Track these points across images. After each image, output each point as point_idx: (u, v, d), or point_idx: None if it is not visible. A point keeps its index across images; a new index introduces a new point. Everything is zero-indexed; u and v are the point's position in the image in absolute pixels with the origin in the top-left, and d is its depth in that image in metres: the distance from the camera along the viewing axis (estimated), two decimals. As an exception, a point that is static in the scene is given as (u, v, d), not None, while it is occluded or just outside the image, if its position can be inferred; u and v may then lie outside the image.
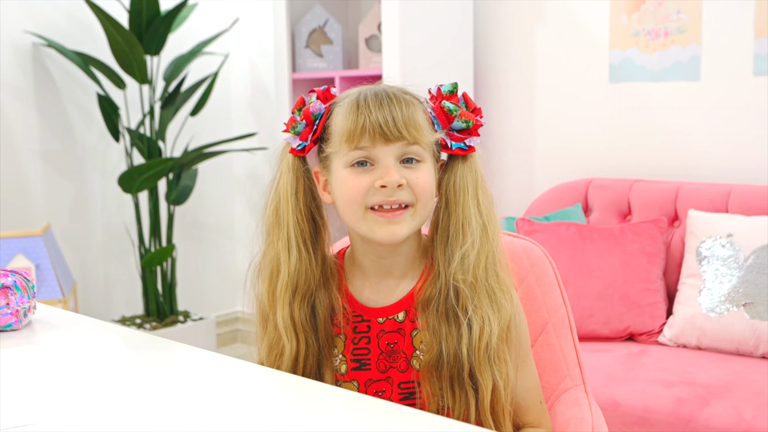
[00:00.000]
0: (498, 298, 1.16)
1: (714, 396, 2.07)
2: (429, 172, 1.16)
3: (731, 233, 2.44)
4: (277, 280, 1.21)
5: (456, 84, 1.21)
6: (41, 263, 2.96)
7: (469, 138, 1.19)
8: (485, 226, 1.18)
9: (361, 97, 1.15)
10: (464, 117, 1.18)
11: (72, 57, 3.28)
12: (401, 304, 1.21)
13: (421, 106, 1.17)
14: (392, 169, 1.13)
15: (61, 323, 1.31)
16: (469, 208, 1.17)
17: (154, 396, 0.98)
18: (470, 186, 1.18)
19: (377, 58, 3.30)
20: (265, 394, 1.01)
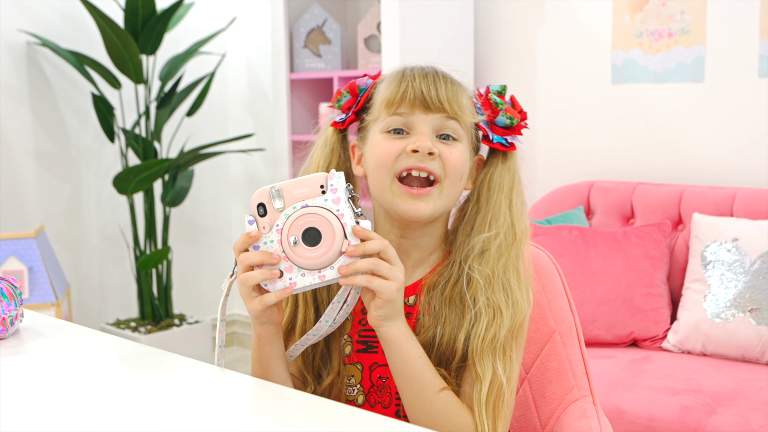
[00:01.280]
0: (514, 293, 1.14)
1: (721, 404, 2.02)
2: (463, 152, 1.16)
3: (737, 237, 2.39)
4: None
5: (505, 86, 1.21)
6: (34, 266, 2.92)
7: (511, 135, 1.19)
8: (513, 224, 1.17)
9: (408, 68, 1.17)
10: (509, 113, 1.18)
11: (67, 56, 3.24)
12: (413, 288, 1.20)
13: (467, 91, 1.18)
14: (426, 136, 1.13)
15: (49, 331, 1.26)
16: (500, 206, 1.17)
17: (142, 410, 0.94)
18: (506, 185, 1.18)
19: (376, 59, 3.26)
20: (256, 407, 0.97)
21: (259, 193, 1.04)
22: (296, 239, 1.02)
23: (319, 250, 1.02)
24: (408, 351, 1.09)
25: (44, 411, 0.95)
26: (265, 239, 1.03)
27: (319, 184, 1.04)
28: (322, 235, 1.03)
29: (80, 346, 1.20)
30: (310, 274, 1.03)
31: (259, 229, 1.03)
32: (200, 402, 0.98)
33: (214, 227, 4.06)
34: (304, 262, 1.03)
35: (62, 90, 3.44)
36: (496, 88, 1.20)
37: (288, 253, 1.03)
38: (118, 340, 1.22)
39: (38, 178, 3.40)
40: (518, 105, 1.20)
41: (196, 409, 0.95)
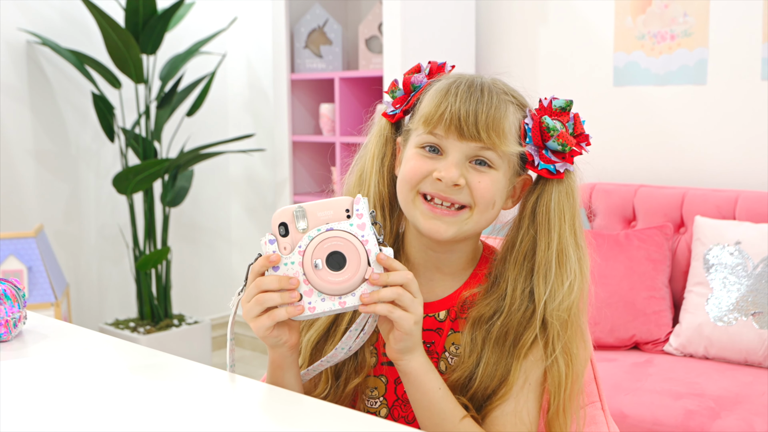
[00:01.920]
0: (587, 338, 1.11)
1: (724, 408, 2.02)
2: (497, 180, 1.09)
3: (739, 241, 2.39)
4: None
5: (571, 102, 1.12)
6: (33, 265, 2.90)
7: (561, 162, 1.10)
8: (582, 260, 1.11)
9: (454, 84, 1.09)
10: (561, 139, 1.09)
11: (67, 55, 3.22)
12: (444, 303, 1.16)
13: (518, 112, 1.11)
14: (454, 167, 1.07)
15: (53, 334, 1.25)
16: (566, 238, 1.09)
17: (146, 415, 0.93)
18: (567, 213, 1.10)
19: (377, 59, 3.25)
20: (261, 412, 0.96)
21: (282, 212, 1.01)
22: (320, 263, 0.99)
23: (343, 276, 1.00)
24: (427, 383, 1.06)
25: (48, 415, 0.94)
26: (286, 260, 1.00)
27: (345, 208, 1.02)
28: (347, 260, 1.00)
29: (84, 349, 1.19)
30: (331, 299, 1.00)
31: (280, 250, 1.00)
32: (205, 406, 0.97)
33: (214, 227, 4.05)
34: (326, 287, 1.00)
35: (62, 89, 3.43)
36: (560, 103, 1.11)
37: (309, 276, 1.00)
38: (122, 343, 1.21)
39: (38, 178, 3.38)
40: (580, 127, 1.12)
41: (200, 413, 0.94)
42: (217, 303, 4.11)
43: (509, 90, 1.12)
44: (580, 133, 1.12)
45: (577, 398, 1.10)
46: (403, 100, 1.17)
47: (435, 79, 1.15)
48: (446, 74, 1.16)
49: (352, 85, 3.32)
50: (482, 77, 1.11)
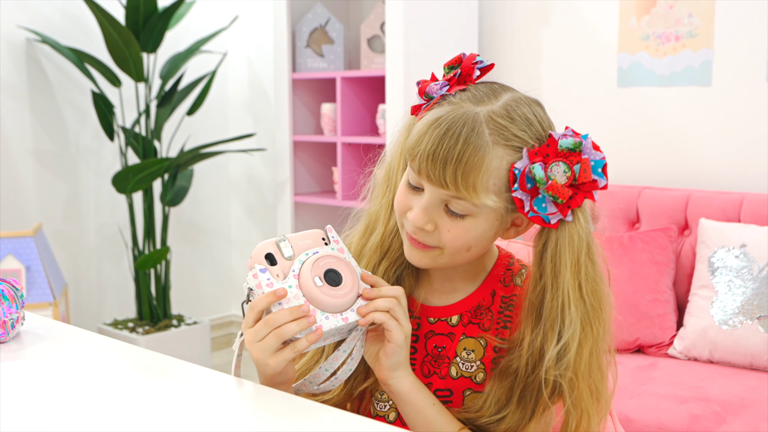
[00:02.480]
0: (601, 392, 1.04)
1: (730, 413, 2.00)
2: (472, 228, 1.03)
3: (744, 243, 2.37)
4: (370, 237, 1.15)
5: (579, 143, 0.99)
6: (32, 265, 2.88)
7: (555, 214, 1.00)
8: (589, 314, 1.01)
9: (436, 122, 1.01)
10: (552, 192, 0.98)
11: (66, 53, 3.20)
12: (456, 308, 1.14)
13: (510, 155, 1.00)
14: (422, 212, 1.03)
15: (51, 335, 1.23)
16: (566, 290, 1.00)
17: (140, 416, 0.91)
18: (569, 260, 1.00)
19: (379, 59, 3.23)
20: (259, 414, 0.93)
21: (264, 245, 1.03)
22: (320, 280, 1.01)
23: (343, 290, 1.02)
24: (421, 401, 1.06)
25: (46, 417, 0.91)
26: (283, 285, 1.01)
27: (321, 237, 1.07)
28: (342, 277, 1.03)
29: (82, 350, 1.16)
30: (333, 316, 1.01)
31: (273, 278, 1.00)
32: (204, 409, 0.95)
33: (214, 228, 4.03)
34: (330, 302, 1.01)
35: (62, 88, 3.41)
36: (568, 143, 0.99)
37: (311, 297, 1.00)
38: (120, 344, 1.18)
39: (37, 177, 3.36)
40: (586, 174, 0.98)
41: (198, 415, 0.92)
42: (217, 304, 4.08)
43: (509, 127, 1.01)
44: (585, 182, 0.99)
45: None
46: (418, 108, 1.10)
47: (442, 102, 1.05)
48: (455, 92, 1.06)
49: (354, 85, 3.30)
50: (478, 113, 1.01)
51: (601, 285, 1.03)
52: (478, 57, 1.08)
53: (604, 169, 1.00)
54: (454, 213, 1.02)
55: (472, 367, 1.11)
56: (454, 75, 1.07)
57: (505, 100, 1.03)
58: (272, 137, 3.79)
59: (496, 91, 1.05)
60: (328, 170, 3.60)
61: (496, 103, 1.02)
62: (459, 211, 1.02)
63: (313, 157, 3.55)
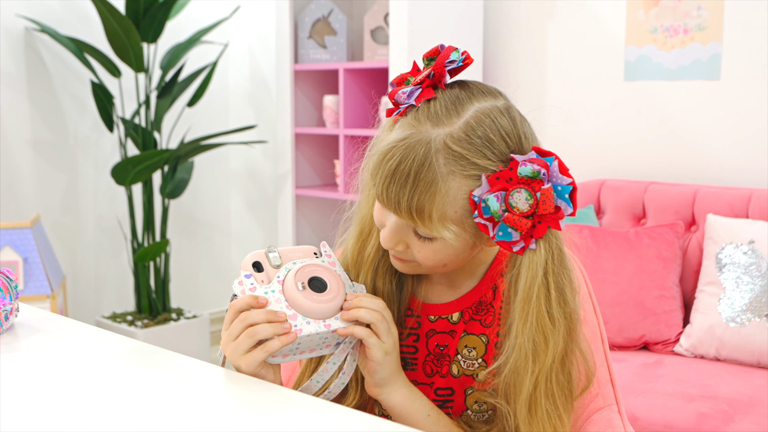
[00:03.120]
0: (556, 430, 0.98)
1: (738, 412, 1.96)
2: (442, 248, 0.99)
3: (753, 240, 2.33)
4: (366, 240, 1.11)
5: (538, 172, 0.92)
6: (29, 256, 2.85)
7: (518, 242, 0.94)
8: (527, 347, 0.95)
9: (386, 158, 0.96)
10: (510, 224, 0.93)
11: (66, 43, 3.16)
12: (457, 305, 1.11)
13: (468, 184, 0.94)
14: (389, 234, 1.00)
15: (46, 327, 1.19)
16: (514, 318, 0.96)
17: (135, 410, 0.87)
18: (522, 287, 0.95)
19: (383, 51, 3.19)
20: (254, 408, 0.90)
21: (253, 255, 1.03)
22: (303, 284, 1.00)
23: (327, 296, 1.01)
24: (414, 414, 1.03)
25: (39, 411, 0.88)
26: (266, 289, 1.00)
27: (313, 252, 1.07)
28: (327, 285, 1.02)
29: (77, 343, 1.13)
30: (315, 322, 0.99)
31: (258, 283, 1.00)
32: (201, 403, 0.91)
33: (214, 221, 3.99)
34: (312, 306, 0.99)
35: (61, 77, 3.37)
36: (526, 171, 0.92)
37: (293, 301, 0.99)
38: (116, 337, 1.15)
39: (35, 168, 3.32)
40: (548, 203, 0.92)
41: (195, 410, 0.89)
42: (216, 297, 4.05)
43: (467, 154, 0.94)
44: (546, 212, 0.92)
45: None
46: (392, 111, 1.03)
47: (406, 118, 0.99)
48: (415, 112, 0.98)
49: (357, 77, 3.26)
50: (434, 139, 0.94)
51: (549, 324, 0.96)
52: (454, 53, 1.00)
53: (572, 195, 0.93)
54: (422, 236, 0.99)
55: (473, 365, 1.09)
56: (426, 76, 0.99)
57: (466, 118, 0.95)
58: (274, 129, 3.75)
59: (461, 103, 0.97)
60: (330, 163, 3.56)
61: (457, 122, 0.95)
62: (426, 235, 0.98)
63: (315, 150, 3.52)
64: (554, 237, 0.97)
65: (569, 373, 1.00)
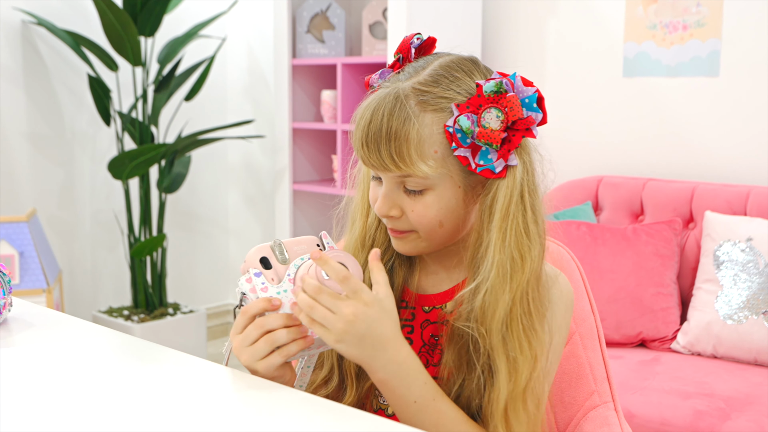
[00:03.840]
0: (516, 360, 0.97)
1: (735, 409, 1.96)
2: (433, 202, 1.00)
3: (751, 237, 2.32)
4: (352, 232, 1.13)
5: (500, 84, 0.96)
6: (25, 250, 2.83)
7: (498, 161, 0.97)
8: (506, 265, 0.97)
9: (359, 115, 1.00)
10: (483, 139, 0.96)
11: (63, 36, 3.15)
12: (450, 294, 1.09)
13: (435, 122, 0.98)
14: (383, 198, 1.02)
15: (39, 322, 1.19)
16: (492, 239, 0.98)
17: (128, 406, 0.86)
18: (499, 209, 0.98)
19: (381, 46, 3.18)
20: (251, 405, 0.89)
21: (258, 249, 0.99)
22: (326, 274, 0.94)
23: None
24: (397, 399, 0.97)
25: (31, 406, 0.87)
26: (278, 289, 0.97)
27: (315, 243, 1.04)
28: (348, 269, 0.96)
29: (71, 338, 1.12)
30: None
31: (268, 281, 0.97)
32: (196, 400, 0.90)
33: (211, 215, 3.98)
34: None
35: (58, 71, 3.36)
36: (490, 87, 0.97)
37: None
38: (110, 332, 1.14)
39: (31, 161, 3.31)
40: (515, 111, 0.96)
41: (190, 406, 0.88)
42: (213, 292, 4.04)
43: (434, 90, 0.99)
44: (515, 119, 0.96)
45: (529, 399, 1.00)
46: None
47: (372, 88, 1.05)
48: (386, 82, 1.03)
49: (355, 72, 3.25)
50: (404, 87, 0.99)
51: (530, 235, 0.99)
52: (417, 35, 1.06)
53: (540, 103, 0.98)
54: (412, 191, 1.01)
55: None
56: (397, 60, 1.06)
57: (432, 67, 1.01)
58: (271, 124, 3.74)
59: (428, 61, 1.03)
60: (327, 158, 3.55)
61: (423, 73, 1.01)
62: (416, 188, 1.00)
63: (313, 145, 3.51)
64: (527, 154, 1.00)
65: (543, 289, 1.02)
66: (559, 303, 1.06)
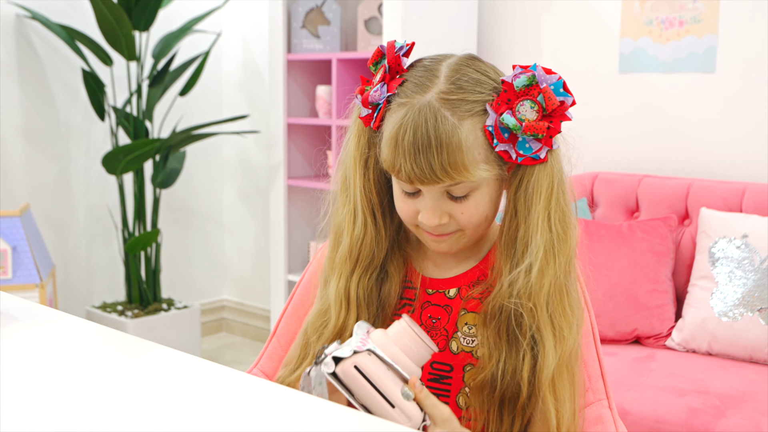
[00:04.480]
0: (561, 329, 1.04)
1: (729, 407, 1.95)
2: (480, 200, 1.04)
3: (746, 234, 2.32)
4: (338, 249, 1.12)
5: (533, 77, 1.00)
6: (18, 245, 2.82)
7: (542, 149, 1.02)
8: (553, 243, 1.03)
9: (400, 133, 1.00)
10: (530, 131, 1.00)
11: (57, 30, 3.13)
12: (455, 281, 1.13)
13: (480, 119, 1.01)
14: (430, 211, 1.04)
15: (24, 317, 1.17)
16: (537, 221, 1.02)
17: (119, 405, 0.85)
18: (544, 192, 1.03)
19: (376, 41, 3.16)
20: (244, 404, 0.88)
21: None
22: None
23: None
24: None
25: (11, 403, 0.86)
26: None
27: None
28: None
29: (57, 333, 1.11)
30: None
31: None
32: (185, 397, 0.89)
33: (206, 210, 3.97)
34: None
35: (52, 65, 3.34)
36: (522, 82, 1.01)
37: None
38: (98, 327, 1.13)
39: (25, 156, 3.30)
40: (552, 100, 1.00)
41: (177, 404, 0.87)
42: (208, 288, 4.03)
43: (464, 96, 1.01)
44: (553, 108, 1.01)
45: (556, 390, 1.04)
46: (369, 117, 1.07)
47: (392, 102, 1.04)
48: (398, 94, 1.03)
49: (350, 67, 3.23)
50: (430, 100, 1.00)
51: (568, 215, 1.05)
52: (396, 43, 1.07)
53: (565, 87, 1.02)
54: (459, 197, 1.04)
55: (473, 342, 1.11)
56: (384, 72, 1.06)
57: (445, 74, 1.03)
58: (266, 119, 3.73)
59: (431, 69, 1.05)
60: (322, 154, 3.54)
61: (438, 81, 1.03)
62: (462, 194, 1.03)
63: (308, 140, 3.49)
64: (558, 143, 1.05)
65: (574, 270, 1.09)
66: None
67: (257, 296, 3.97)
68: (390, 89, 1.05)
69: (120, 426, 0.81)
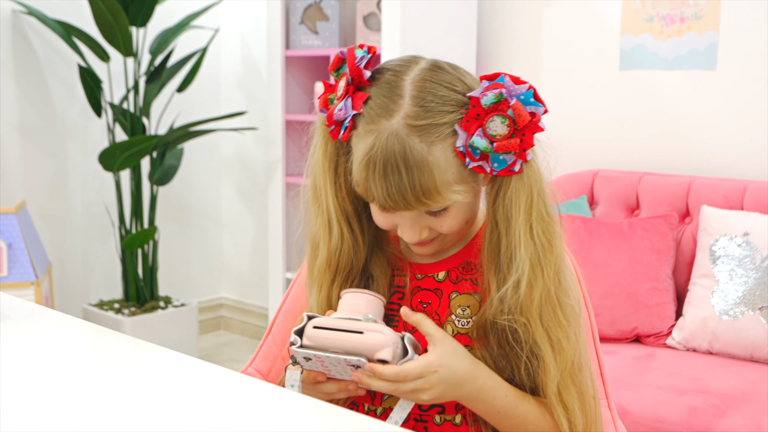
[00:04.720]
0: (559, 341, 1.03)
1: (730, 406, 1.93)
2: (458, 212, 1.03)
3: (747, 232, 2.30)
4: (316, 260, 1.11)
5: (500, 94, 0.97)
6: (14, 242, 2.80)
7: (515, 162, 0.99)
8: (539, 255, 1.01)
9: (371, 166, 0.98)
10: (503, 150, 0.98)
11: (54, 26, 3.11)
12: (444, 264, 1.13)
13: (445, 149, 0.98)
14: (409, 229, 1.04)
15: (16, 315, 1.15)
16: (518, 234, 1.01)
17: (111, 406, 0.84)
18: (523, 204, 1.01)
19: (375, 37, 3.14)
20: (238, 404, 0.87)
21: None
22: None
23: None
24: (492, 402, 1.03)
25: (5, 406, 0.84)
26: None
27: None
28: None
29: (45, 330, 1.09)
30: None
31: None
32: (179, 397, 0.88)
33: (203, 208, 3.95)
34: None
35: (48, 61, 3.32)
36: (489, 100, 0.97)
37: None
38: (91, 326, 1.11)
39: (22, 153, 3.28)
40: (522, 116, 0.97)
41: (173, 404, 0.85)
42: (205, 286, 4.01)
43: (431, 120, 0.98)
44: (524, 124, 0.98)
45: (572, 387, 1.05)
46: (336, 131, 1.04)
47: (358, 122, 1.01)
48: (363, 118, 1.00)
49: (349, 64, 3.21)
50: (397, 129, 0.97)
51: (551, 224, 1.03)
52: (356, 51, 1.03)
53: (536, 96, 0.99)
54: (437, 212, 1.02)
55: (468, 324, 1.10)
56: (346, 84, 1.02)
57: (410, 93, 0.99)
58: (264, 116, 3.71)
59: (394, 85, 1.01)
60: (320, 151, 3.51)
61: (403, 103, 0.99)
62: (439, 208, 1.01)
63: (306, 137, 3.47)
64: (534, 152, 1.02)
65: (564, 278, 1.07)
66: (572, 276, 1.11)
67: (255, 294, 3.95)
68: (355, 106, 1.01)
69: (114, 427, 0.80)
